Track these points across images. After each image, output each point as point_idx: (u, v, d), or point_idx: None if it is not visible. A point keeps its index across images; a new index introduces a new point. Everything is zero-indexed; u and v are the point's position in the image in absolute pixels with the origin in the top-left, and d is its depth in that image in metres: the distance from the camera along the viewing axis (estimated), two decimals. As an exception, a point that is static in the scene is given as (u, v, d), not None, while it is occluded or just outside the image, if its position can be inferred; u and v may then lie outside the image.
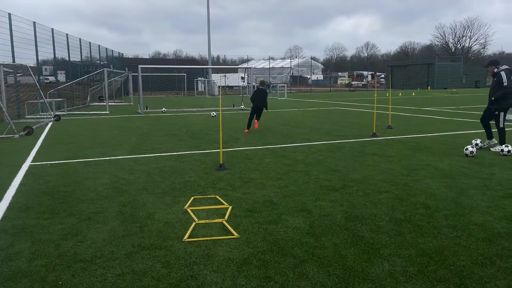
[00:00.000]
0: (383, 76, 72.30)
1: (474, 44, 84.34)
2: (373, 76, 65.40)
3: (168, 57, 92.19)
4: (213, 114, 17.85)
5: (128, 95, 33.88)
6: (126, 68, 34.08)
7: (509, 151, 7.78)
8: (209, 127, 13.43)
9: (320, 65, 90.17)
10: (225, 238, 3.90)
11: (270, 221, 4.36)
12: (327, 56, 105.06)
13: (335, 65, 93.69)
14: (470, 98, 30.59)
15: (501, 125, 8.42)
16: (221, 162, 6.99)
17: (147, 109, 21.54)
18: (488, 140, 8.79)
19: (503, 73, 8.26)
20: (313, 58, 72.97)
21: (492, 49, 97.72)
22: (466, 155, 7.76)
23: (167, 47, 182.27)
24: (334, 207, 4.81)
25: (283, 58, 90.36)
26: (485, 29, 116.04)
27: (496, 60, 8.89)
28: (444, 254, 3.49)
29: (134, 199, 5.23)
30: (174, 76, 48.03)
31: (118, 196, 5.37)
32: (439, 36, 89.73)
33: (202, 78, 48.09)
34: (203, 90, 47.02)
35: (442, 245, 3.67)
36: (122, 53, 47.07)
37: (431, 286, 2.96)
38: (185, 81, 43.91)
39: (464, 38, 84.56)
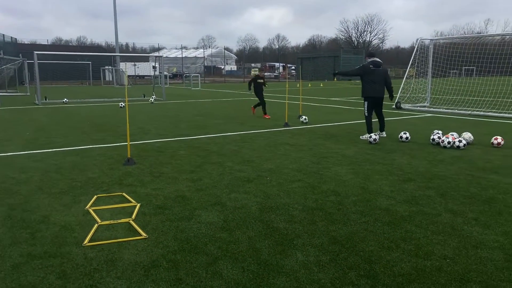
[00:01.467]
0: (293, 67, 74.86)
1: (374, 38, 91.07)
2: (284, 68, 67.39)
3: (71, 44, 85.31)
4: (121, 104, 16.85)
5: (24, 84, 30.65)
6: (20, 55, 30.69)
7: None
8: (116, 119, 12.61)
9: (233, 55, 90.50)
10: (132, 240, 3.58)
11: (182, 217, 4.12)
12: (240, 47, 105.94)
13: (248, 56, 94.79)
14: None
15: (365, 113, 8.93)
16: (129, 156, 6.53)
17: (46, 99, 19.66)
18: (379, 132, 9.25)
19: (365, 63, 8.91)
20: (226, 49, 72.99)
21: (389, 44, 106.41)
22: (370, 142, 8.22)
23: (70, 33, 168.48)
24: (248, 198, 4.72)
25: (196, 48, 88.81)
26: (383, 25, 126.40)
27: (372, 52, 9.40)
28: (354, 240, 3.57)
29: (26, 200, 4.62)
30: (78, 64, 44.62)
31: (6, 198, 4.71)
32: (343, 30, 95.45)
33: (110, 67, 45.36)
34: (111, 79, 44.39)
35: (351, 231, 3.76)
36: (16, 38, 42.45)
37: (343, 274, 2.99)
38: (91, 69, 41.00)
39: (365, 33, 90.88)
